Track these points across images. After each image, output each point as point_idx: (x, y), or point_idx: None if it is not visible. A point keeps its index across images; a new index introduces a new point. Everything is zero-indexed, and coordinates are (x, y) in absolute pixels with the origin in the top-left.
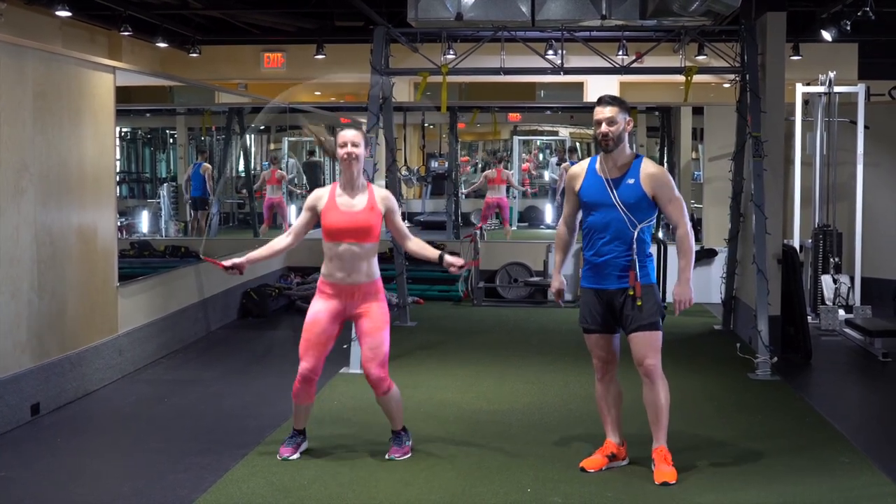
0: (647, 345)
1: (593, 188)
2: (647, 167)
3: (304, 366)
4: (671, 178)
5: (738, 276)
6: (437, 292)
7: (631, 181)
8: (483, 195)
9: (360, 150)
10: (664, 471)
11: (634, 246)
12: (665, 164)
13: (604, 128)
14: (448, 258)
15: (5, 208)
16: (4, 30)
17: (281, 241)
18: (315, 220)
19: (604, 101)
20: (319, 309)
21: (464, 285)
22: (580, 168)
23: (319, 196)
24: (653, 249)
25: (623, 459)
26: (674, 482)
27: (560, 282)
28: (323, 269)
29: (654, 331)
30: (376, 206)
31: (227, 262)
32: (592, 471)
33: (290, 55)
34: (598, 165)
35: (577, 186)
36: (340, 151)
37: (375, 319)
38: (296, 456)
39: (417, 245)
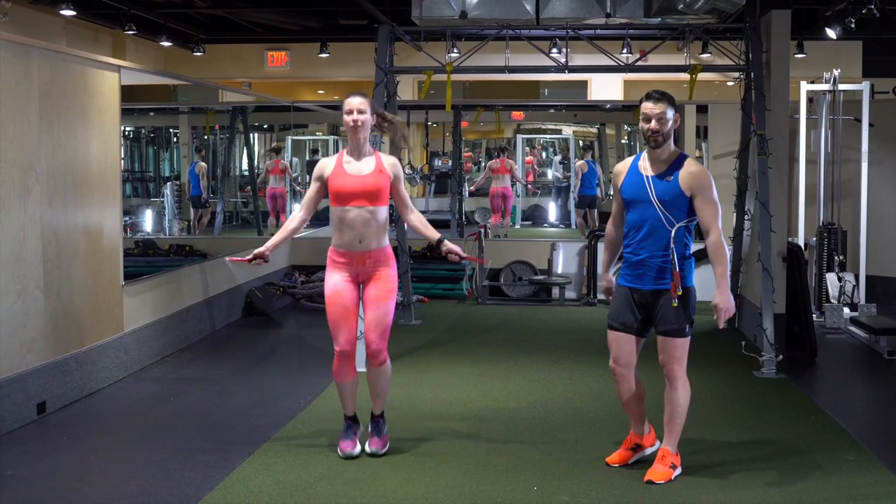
0: (670, 350)
1: (633, 185)
2: (690, 165)
3: (340, 342)
4: (712, 181)
5: (743, 275)
6: (441, 291)
7: (670, 178)
8: (487, 192)
9: (367, 117)
10: (656, 470)
11: (672, 245)
12: None
13: (654, 124)
14: (448, 244)
15: (11, 207)
16: (9, 29)
17: (294, 219)
18: (324, 190)
19: (653, 96)
20: (337, 280)
21: (468, 284)
22: (623, 165)
23: (325, 165)
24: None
25: (652, 445)
26: (660, 482)
27: (608, 280)
28: (333, 240)
29: (679, 338)
30: (385, 170)
31: (250, 255)
32: (617, 465)
33: (293, 54)
34: (640, 162)
35: (619, 183)
36: (346, 118)
37: (383, 287)
38: (358, 449)
39: (419, 220)
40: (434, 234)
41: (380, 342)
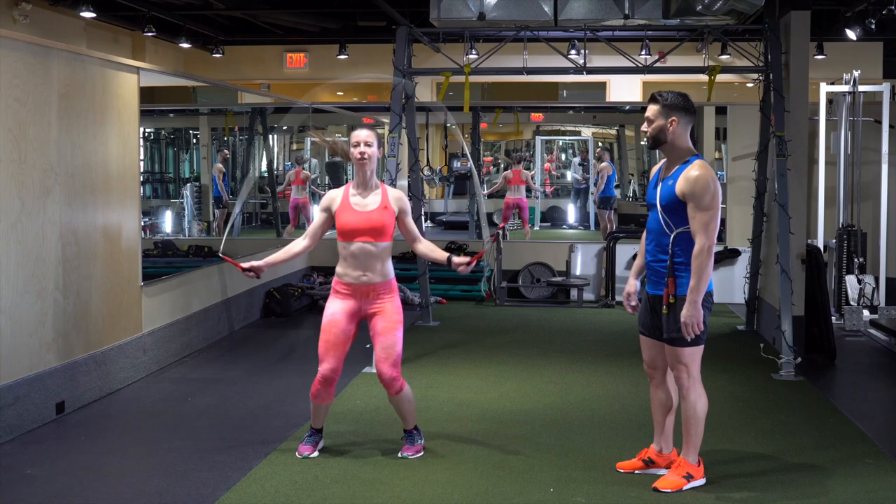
0: (674, 358)
1: (650, 186)
2: (691, 169)
3: (324, 367)
4: (711, 188)
5: (762, 277)
6: (459, 292)
7: (671, 182)
8: (504, 196)
9: (373, 150)
10: (667, 478)
11: (671, 251)
12: None
13: (644, 126)
14: (455, 259)
15: (31, 208)
16: (30, 31)
17: (298, 244)
18: (330, 221)
19: (651, 97)
20: (336, 310)
21: (486, 285)
22: (657, 166)
23: (333, 197)
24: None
25: (666, 467)
26: (666, 490)
27: (632, 285)
28: (338, 269)
29: (682, 346)
30: (389, 206)
31: (245, 265)
32: (622, 471)
33: (312, 55)
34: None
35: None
36: (354, 151)
37: (389, 319)
38: (315, 454)
39: (427, 247)
40: (442, 256)
41: (392, 371)
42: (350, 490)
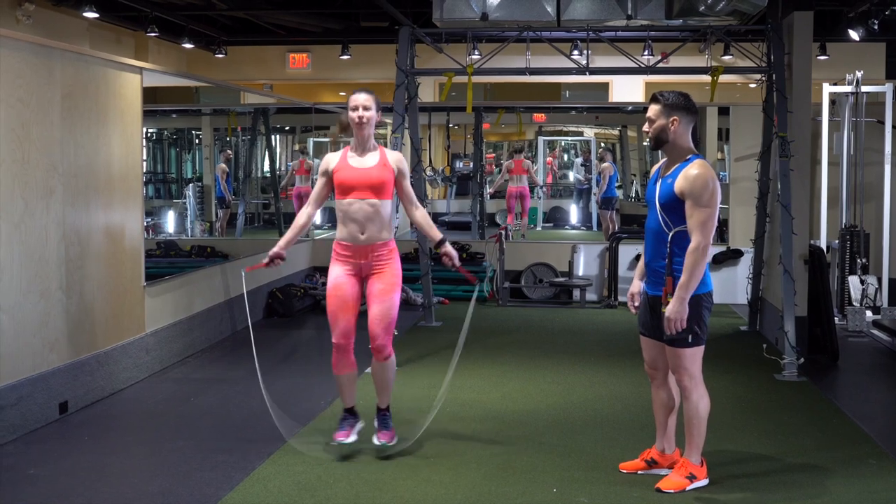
0: (675, 360)
1: (650, 185)
2: (691, 167)
3: (335, 335)
4: (710, 186)
5: (765, 277)
6: (461, 292)
7: (670, 180)
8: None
9: (372, 114)
10: (670, 478)
11: (668, 250)
12: None
13: (645, 126)
14: (447, 247)
15: (34, 208)
16: (33, 31)
17: (303, 214)
18: (330, 184)
19: (652, 97)
20: (339, 273)
21: (489, 286)
22: (656, 165)
23: (330, 159)
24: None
25: (669, 468)
26: (669, 491)
27: (636, 286)
28: (337, 233)
29: (682, 347)
30: (388, 164)
31: (266, 259)
32: (625, 471)
33: (315, 56)
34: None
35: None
36: (352, 114)
37: (387, 281)
38: (352, 438)
39: (423, 217)
40: (436, 235)
41: (384, 337)
42: (353, 490)
